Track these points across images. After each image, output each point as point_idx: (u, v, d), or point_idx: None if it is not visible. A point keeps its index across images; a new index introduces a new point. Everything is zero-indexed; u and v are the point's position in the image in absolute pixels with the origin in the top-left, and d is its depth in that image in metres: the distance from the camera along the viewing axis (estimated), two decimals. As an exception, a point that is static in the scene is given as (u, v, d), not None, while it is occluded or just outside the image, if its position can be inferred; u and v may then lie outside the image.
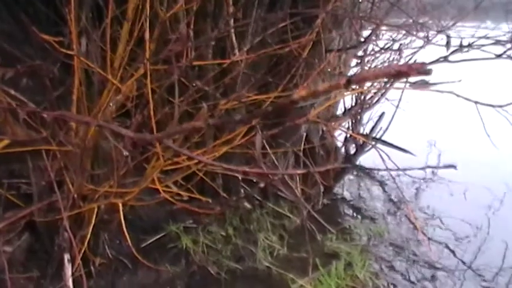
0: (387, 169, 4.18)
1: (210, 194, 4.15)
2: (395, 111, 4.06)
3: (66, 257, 3.27)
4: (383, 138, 4.93)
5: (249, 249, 3.90)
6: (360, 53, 4.86)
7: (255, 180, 3.64)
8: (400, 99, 4.12)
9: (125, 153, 2.26)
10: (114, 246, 3.70)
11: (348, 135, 4.71)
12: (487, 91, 4.60)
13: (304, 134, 4.40)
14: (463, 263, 3.91)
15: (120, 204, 2.85)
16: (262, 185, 3.61)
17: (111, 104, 2.53)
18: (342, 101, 5.03)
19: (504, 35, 4.35)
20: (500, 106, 3.37)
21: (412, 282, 3.74)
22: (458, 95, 3.20)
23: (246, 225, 4.15)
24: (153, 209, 4.00)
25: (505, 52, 4.11)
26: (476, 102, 3.18)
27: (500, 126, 3.92)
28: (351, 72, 4.84)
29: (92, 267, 3.51)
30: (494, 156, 5.40)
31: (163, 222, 4.01)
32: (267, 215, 4.24)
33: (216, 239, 3.97)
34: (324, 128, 4.43)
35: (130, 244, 3.49)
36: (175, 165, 3.11)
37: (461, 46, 4.20)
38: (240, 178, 4.18)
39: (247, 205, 3.86)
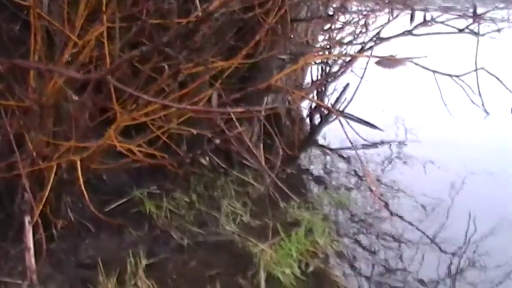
0: (352, 146, 4.22)
1: (174, 160, 4.17)
2: (359, 83, 4.12)
3: (27, 219, 3.26)
4: (348, 110, 4.99)
5: (213, 215, 3.94)
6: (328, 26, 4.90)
7: (210, 136, 3.64)
8: (364, 71, 4.17)
9: (75, 97, 2.26)
10: (77, 210, 3.71)
11: (313, 106, 4.75)
12: (450, 65, 4.68)
13: (270, 103, 4.44)
14: (426, 236, 3.97)
15: (79, 162, 2.85)
16: (217, 141, 3.62)
17: (67, 57, 2.52)
18: (308, 72, 5.08)
19: (466, 10, 4.43)
20: (457, 76, 3.44)
21: (372, 252, 3.81)
22: (416, 63, 3.26)
23: (210, 192, 4.19)
24: (116, 174, 4.01)
25: (467, 27, 4.18)
26: (434, 72, 3.24)
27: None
28: (318, 43, 4.87)
29: (54, 230, 3.51)
30: (458, 134, 5.52)
31: (127, 187, 4.02)
32: (232, 183, 4.28)
33: (179, 204, 4.00)
34: (290, 98, 4.47)
35: (92, 207, 3.50)
36: (134, 121, 3.10)
37: (425, 20, 4.26)
38: (207, 150, 4.22)
39: (204, 161, 3.86)
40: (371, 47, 4.66)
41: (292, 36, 4.02)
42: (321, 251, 3.65)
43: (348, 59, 4.84)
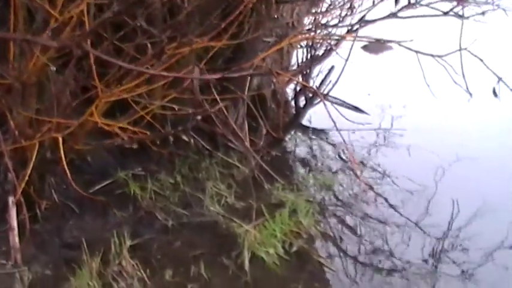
0: (337, 129, 4.21)
1: (159, 141, 4.17)
2: (344, 65, 4.12)
3: (11, 199, 3.26)
4: (333, 93, 4.99)
5: (197, 197, 3.96)
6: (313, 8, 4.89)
7: (191, 111, 3.63)
8: (349, 54, 4.16)
9: (53, 68, 2.25)
10: (61, 191, 3.70)
11: (298, 89, 4.76)
12: (435, 47, 4.69)
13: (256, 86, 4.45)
14: (410, 220, 3.99)
15: (61, 140, 2.84)
16: (199, 117, 3.62)
17: (48, 33, 2.50)
18: (294, 55, 5.07)
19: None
20: (440, 56, 3.46)
21: (357, 234, 3.84)
22: (400, 44, 3.27)
23: (194, 173, 4.19)
24: (100, 155, 4.00)
25: (451, 9, 4.20)
26: (417, 52, 3.25)
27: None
28: (304, 26, 4.86)
29: (37, 211, 3.51)
30: (442, 118, 5.54)
31: (111, 169, 4.01)
32: (216, 165, 4.29)
33: (164, 186, 4.00)
34: (275, 81, 4.47)
35: (77, 189, 3.49)
36: (117, 97, 3.08)
37: (409, 3, 4.27)
38: (190, 127, 4.22)
39: (187, 138, 3.85)
40: (356, 30, 4.66)
41: (276, 17, 4.01)
42: (304, 232, 3.68)
43: (333, 41, 4.84)
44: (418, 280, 3.40)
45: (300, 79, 4.73)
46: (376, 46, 6.69)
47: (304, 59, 4.99)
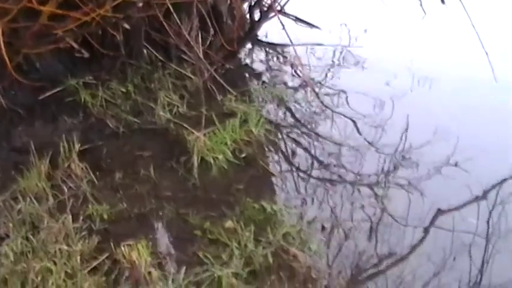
0: (292, 43, 4.18)
1: (110, 51, 4.13)
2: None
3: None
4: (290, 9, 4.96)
5: (149, 106, 3.96)
6: None
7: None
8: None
9: None
10: (9, 96, 3.69)
11: (253, 2, 4.71)
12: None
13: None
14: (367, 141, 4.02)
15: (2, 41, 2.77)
16: (140, 4, 3.59)
17: None
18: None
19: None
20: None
21: (308, 149, 3.89)
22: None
23: (147, 83, 4.18)
24: (50, 62, 3.96)
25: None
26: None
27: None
28: None
29: (-16, 116, 3.49)
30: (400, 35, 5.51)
31: (61, 77, 3.97)
32: (169, 76, 4.27)
33: (115, 94, 4.00)
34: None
35: (26, 95, 3.47)
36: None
37: None
38: (142, 36, 4.18)
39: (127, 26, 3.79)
40: None
41: None
42: (255, 140, 3.74)
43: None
44: (365, 190, 3.47)
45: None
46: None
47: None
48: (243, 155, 3.56)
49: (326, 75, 5.04)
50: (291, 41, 4.19)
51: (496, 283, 2.81)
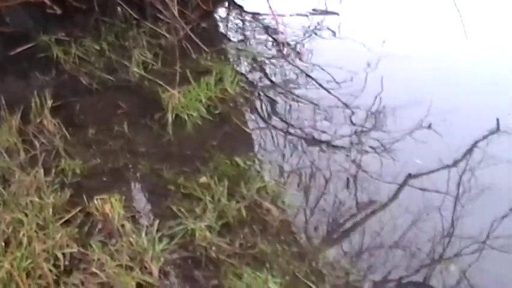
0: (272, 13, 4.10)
1: (84, 9, 4.06)
2: None
3: None
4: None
5: (123, 64, 3.92)
6: None
7: None
8: None
9: None
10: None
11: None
12: None
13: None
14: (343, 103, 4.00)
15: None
16: None
17: None
18: None
19: None
20: None
21: (282, 108, 3.87)
22: None
23: (121, 41, 4.13)
24: (21, 18, 3.88)
25: None
26: None
27: None
28: None
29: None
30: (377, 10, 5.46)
31: (33, 33, 3.91)
32: (144, 34, 4.21)
33: (89, 52, 3.95)
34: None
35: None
36: None
37: None
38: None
39: None
40: None
41: None
42: (229, 98, 3.72)
43: None
44: (340, 149, 3.47)
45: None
46: None
47: None
48: (218, 112, 3.55)
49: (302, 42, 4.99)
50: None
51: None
